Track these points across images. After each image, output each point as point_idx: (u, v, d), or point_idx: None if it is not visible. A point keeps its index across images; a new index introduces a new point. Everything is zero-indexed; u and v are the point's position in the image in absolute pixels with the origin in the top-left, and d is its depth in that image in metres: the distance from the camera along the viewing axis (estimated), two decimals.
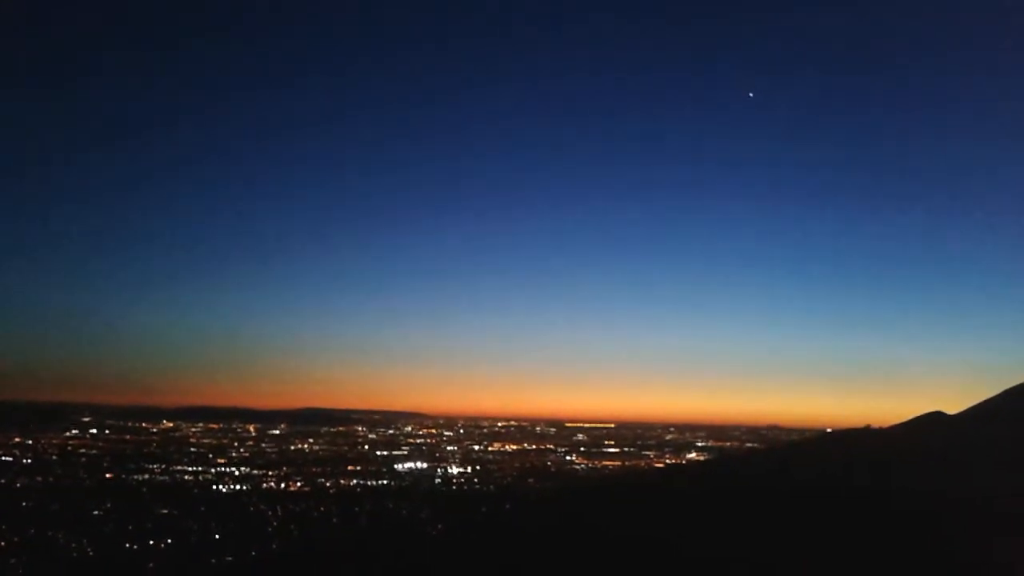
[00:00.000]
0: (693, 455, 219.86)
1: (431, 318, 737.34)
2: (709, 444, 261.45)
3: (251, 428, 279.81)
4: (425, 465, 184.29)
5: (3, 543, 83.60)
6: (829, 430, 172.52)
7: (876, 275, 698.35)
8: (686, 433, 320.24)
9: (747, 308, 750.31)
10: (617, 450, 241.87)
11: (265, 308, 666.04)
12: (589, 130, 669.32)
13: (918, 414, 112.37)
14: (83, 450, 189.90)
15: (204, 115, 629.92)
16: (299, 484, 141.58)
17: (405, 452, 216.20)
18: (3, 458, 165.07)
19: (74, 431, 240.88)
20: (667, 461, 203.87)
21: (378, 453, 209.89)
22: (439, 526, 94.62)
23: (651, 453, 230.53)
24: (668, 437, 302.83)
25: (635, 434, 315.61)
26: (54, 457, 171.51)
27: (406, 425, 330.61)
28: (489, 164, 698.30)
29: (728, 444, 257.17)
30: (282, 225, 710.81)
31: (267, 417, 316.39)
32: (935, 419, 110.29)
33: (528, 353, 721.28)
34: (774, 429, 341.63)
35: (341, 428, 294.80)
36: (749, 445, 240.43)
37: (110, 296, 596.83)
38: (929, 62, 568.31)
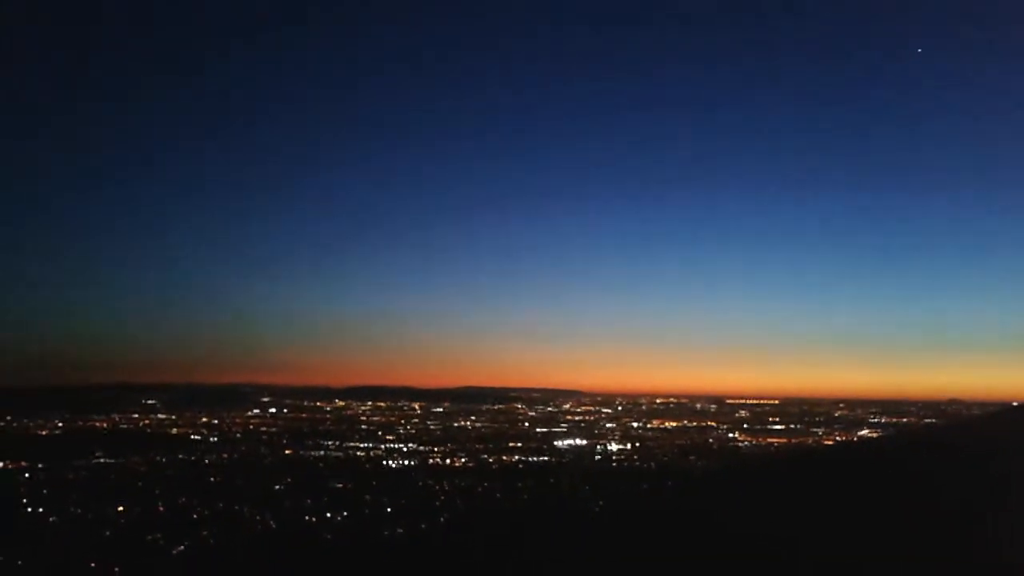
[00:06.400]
0: (865, 432, 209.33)
1: (589, 297, 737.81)
2: (882, 420, 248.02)
3: (416, 406, 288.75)
4: (584, 442, 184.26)
5: (195, 516, 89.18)
6: (1015, 403, 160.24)
7: None
8: (857, 409, 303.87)
9: (921, 278, 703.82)
10: (782, 427, 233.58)
11: (427, 291, 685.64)
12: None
13: None
14: (264, 428, 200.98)
15: (355, 104, 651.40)
16: (463, 460, 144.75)
17: (564, 429, 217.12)
18: (192, 437, 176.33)
19: (255, 411, 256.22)
20: (837, 438, 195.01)
21: (538, 430, 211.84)
22: (600, 502, 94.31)
23: (819, 430, 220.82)
24: (837, 413, 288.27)
25: (801, 410, 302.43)
26: (238, 435, 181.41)
27: (564, 403, 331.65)
28: (655, 147, 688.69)
29: (904, 420, 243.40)
30: (446, 208, 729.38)
31: (431, 396, 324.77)
32: None
33: (687, 328, 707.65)
34: (954, 403, 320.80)
35: (501, 406, 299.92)
36: (927, 421, 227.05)
37: (286, 284, 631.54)
38: None
